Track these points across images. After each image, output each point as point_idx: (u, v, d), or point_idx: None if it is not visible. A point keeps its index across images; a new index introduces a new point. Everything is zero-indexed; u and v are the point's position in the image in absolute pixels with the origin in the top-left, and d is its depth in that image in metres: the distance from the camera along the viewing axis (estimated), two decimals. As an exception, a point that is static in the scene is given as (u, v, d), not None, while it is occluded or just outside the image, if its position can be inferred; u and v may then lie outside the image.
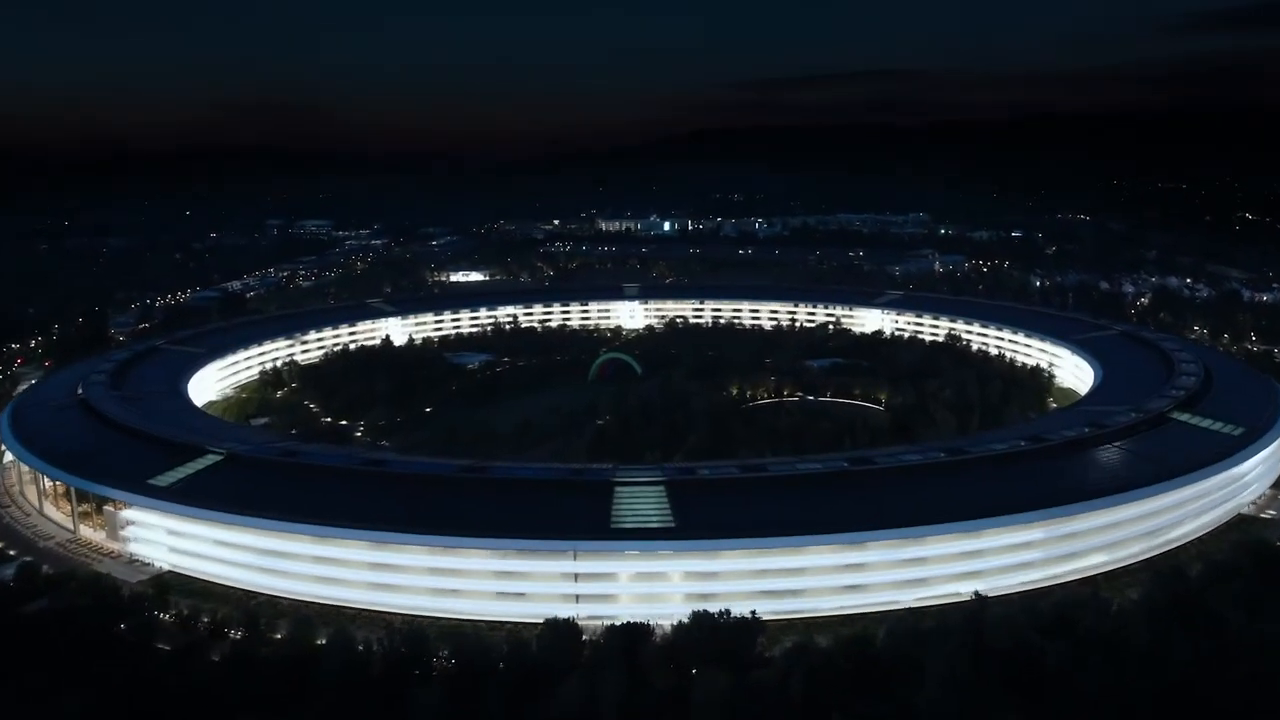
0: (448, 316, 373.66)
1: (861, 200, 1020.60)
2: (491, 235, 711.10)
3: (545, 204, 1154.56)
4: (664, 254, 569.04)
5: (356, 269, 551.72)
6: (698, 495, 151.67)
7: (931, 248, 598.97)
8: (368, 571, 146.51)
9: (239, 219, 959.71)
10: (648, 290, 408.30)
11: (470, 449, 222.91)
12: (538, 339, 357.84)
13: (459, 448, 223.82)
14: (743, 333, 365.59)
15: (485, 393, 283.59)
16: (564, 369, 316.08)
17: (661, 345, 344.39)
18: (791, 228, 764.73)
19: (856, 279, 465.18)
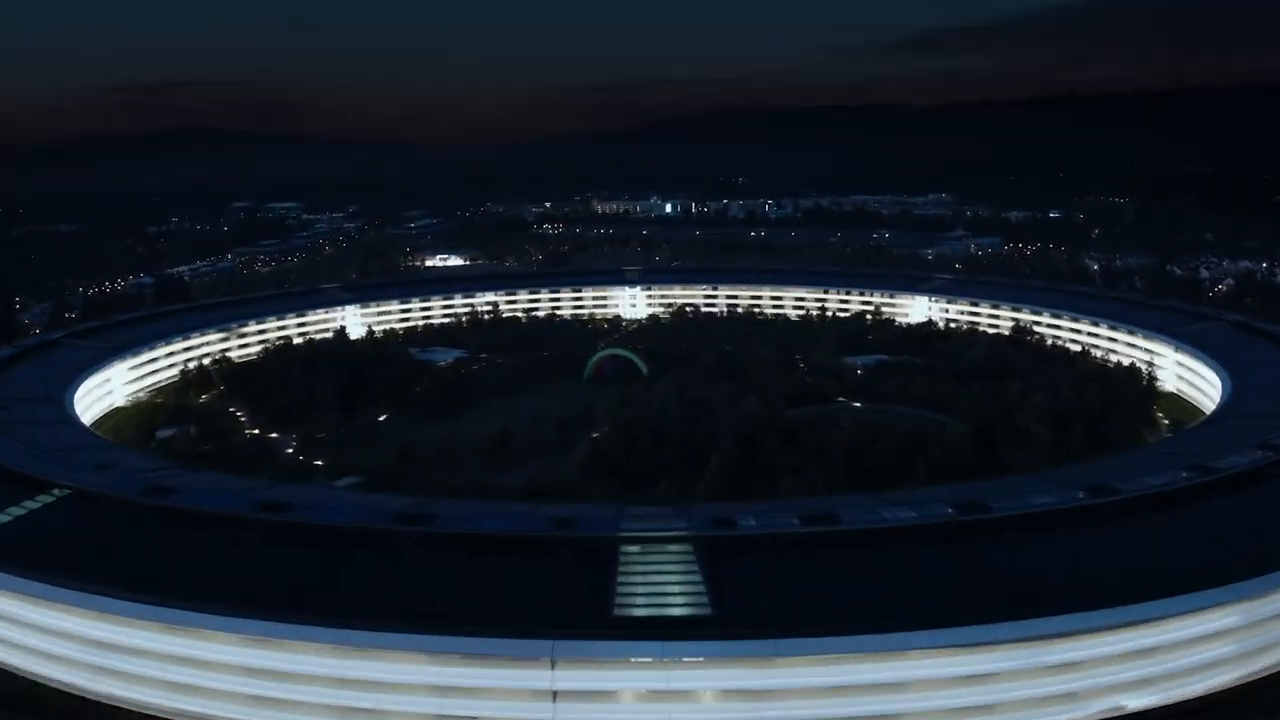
0: (416, 305, 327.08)
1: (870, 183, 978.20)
2: (476, 218, 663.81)
3: (536, 186, 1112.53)
4: (668, 235, 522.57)
5: (324, 252, 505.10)
6: (742, 562, 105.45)
7: (962, 229, 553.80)
8: (243, 678, 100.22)
9: (205, 202, 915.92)
10: (651, 274, 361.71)
11: (427, 473, 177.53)
12: (522, 331, 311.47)
13: (412, 472, 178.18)
14: (765, 324, 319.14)
15: (455, 397, 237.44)
16: (553, 368, 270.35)
17: (670, 339, 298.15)
18: (804, 209, 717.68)
19: (887, 262, 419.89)
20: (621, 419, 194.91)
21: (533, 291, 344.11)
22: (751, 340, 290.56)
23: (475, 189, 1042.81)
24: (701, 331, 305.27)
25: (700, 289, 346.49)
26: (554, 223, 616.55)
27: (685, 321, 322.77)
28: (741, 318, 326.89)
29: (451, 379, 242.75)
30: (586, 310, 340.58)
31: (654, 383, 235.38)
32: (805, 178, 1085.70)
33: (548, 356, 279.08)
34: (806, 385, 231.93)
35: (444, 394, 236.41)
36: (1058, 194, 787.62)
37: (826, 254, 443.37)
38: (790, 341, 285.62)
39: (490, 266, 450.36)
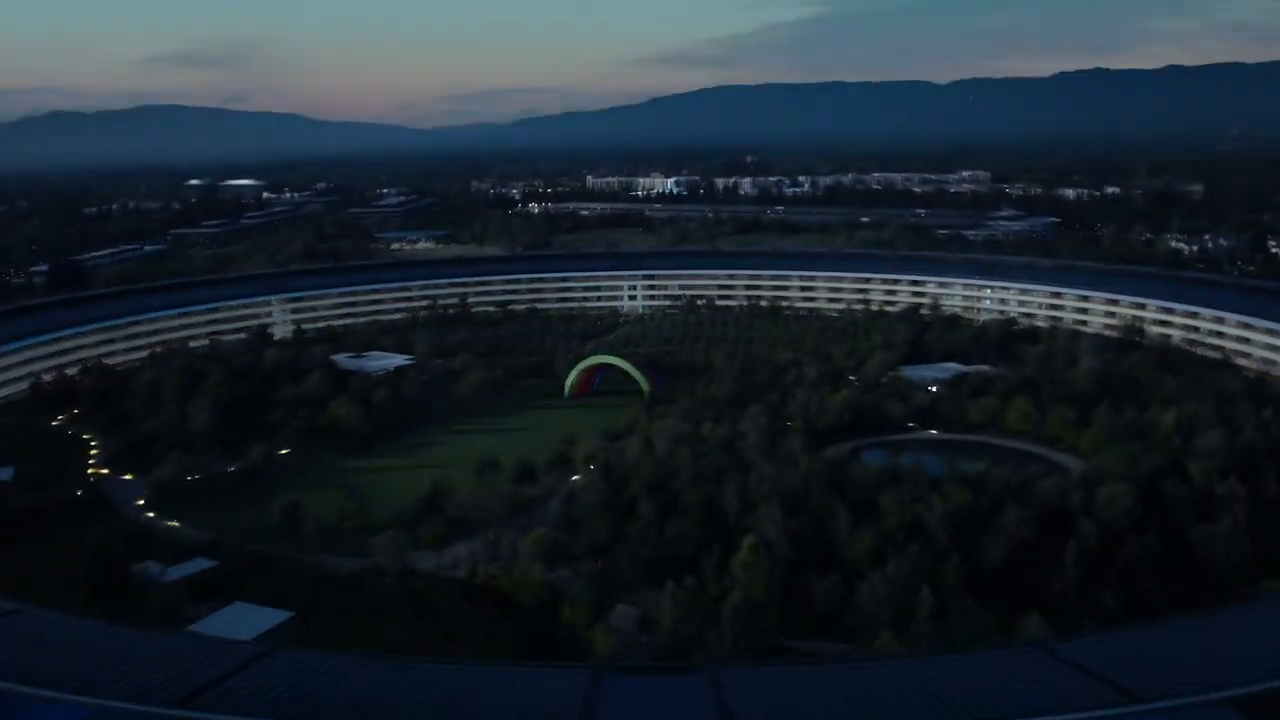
0: (362, 297, 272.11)
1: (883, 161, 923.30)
2: (452, 195, 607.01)
3: (526, 163, 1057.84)
4: (674, 214, 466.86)
5: (275, 234, 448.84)
6: None
7: (1010, 207, 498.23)
8: None
9: (162, 180, 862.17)
10: (654, 258, 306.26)
11: (318, 546, 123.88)
12: (491, 330, 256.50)
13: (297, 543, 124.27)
14: (796, 319, 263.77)
15: (387, 423, 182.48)
16: (526, 380, 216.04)
17: (678, 339, 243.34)
18: (824, 187, 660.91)
19: (930, 245, 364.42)
20: (609, 468, 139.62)
21: (510, 279, 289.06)
22: (781, 342, 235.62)
23: (460, 167, 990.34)
24: (718, 331, 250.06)
25: (714, 276, 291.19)
26: (543, 200, 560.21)
27: (697, 317, 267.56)
28: (765, 312, 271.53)
29: (386, 397, 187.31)
30: (575, 303, 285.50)
31: (657, 404, 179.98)
32: (816, 154, 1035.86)
33: (520, 364, 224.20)
34: (864, 408, 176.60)
35: (372, 419, 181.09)
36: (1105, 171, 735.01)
37: (860, 235, 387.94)
38: (828, 343, 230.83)
39: (465, 250, 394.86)
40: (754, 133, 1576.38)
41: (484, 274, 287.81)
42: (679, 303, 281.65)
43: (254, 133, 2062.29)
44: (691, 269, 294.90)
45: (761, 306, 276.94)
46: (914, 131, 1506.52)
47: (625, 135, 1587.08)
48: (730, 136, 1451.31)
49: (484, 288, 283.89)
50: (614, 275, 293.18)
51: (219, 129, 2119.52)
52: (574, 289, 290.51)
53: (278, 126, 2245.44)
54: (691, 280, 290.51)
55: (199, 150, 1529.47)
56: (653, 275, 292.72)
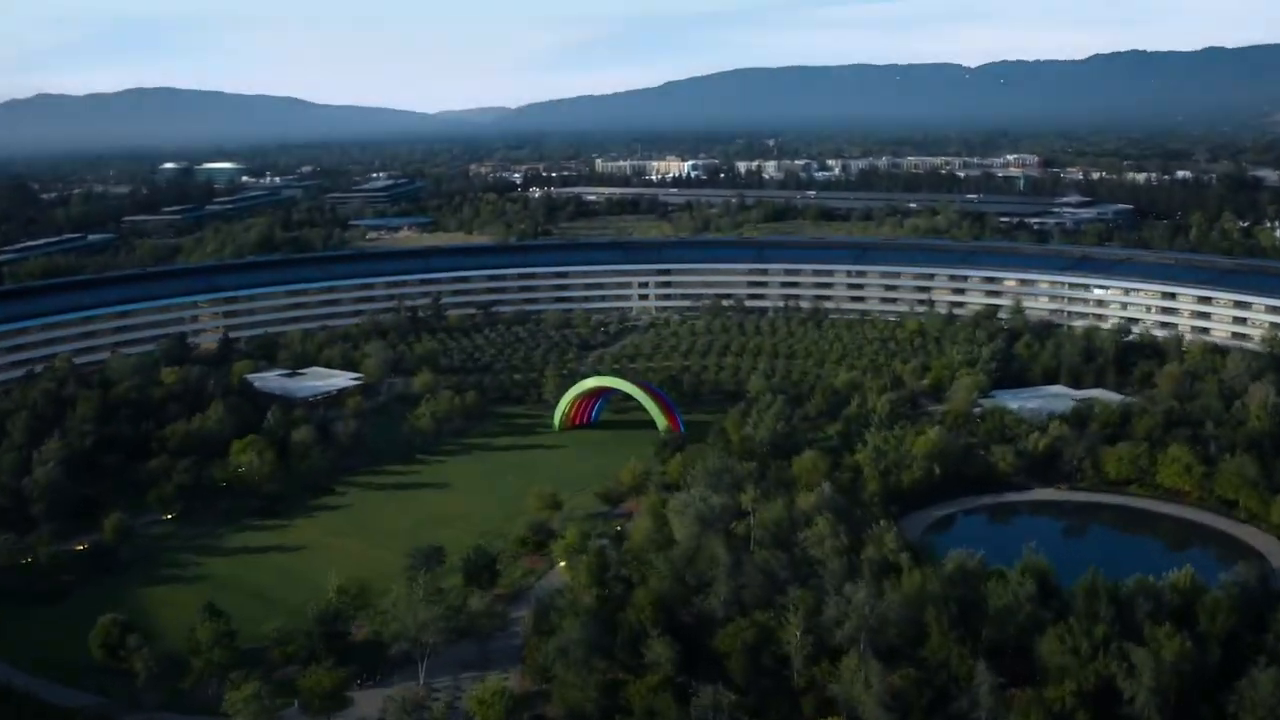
0: (312, 297, 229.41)
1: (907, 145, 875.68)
2: (447, 180, 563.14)
3: (531, 146, 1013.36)
4: (692, 199, 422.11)
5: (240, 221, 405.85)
6: None
7: (1078, 193, 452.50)
8: None
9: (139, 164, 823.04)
10: (671, 250, 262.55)
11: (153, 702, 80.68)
12: (468, 338, 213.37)
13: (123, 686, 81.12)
14: (845, 325, 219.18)
15: (312, 473, 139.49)
16: (506, 405, 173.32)
17: (700, 352, 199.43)
18: (858, 171, 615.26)
19: (995, 235, 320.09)
20: (604, 564, 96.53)
21: (493, 275, 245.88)
22: (832, 355, 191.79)
23: (461, 151, 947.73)
24: (751, 340, 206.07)
25: (743, 271, 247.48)
26: (546, 185, 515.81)
27: (723, 322, 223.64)
28: (807, 315, 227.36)
29: (311, 437, 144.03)
30: (574, 304, 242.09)
31: (676, 448, 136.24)
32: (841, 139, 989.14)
33: (503, 384, 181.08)
34: (958, 456, 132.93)
35: (289, 469, 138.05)
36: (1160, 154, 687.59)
37: (911, 223, 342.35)
38: (891, 356, 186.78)
39: (450, 240, 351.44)
40: (775, 117, 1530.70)
41: (464, 268, 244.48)
42: (701, 304, 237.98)
43: (249, 116, 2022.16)
44: (715, 262, 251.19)
45: (801, 308, 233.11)
46: (942, 115, 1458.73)
47: (640, 120, 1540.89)
48: (750, 121, 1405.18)
49: (463, 285, 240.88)
50: (622, 270, 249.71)
51: (213, 112, 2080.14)
52: (573, 287, 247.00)
53: (274, 110, 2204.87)
54: (716, 277, 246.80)
55: (191, 134, 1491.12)
56: (669, 271, 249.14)
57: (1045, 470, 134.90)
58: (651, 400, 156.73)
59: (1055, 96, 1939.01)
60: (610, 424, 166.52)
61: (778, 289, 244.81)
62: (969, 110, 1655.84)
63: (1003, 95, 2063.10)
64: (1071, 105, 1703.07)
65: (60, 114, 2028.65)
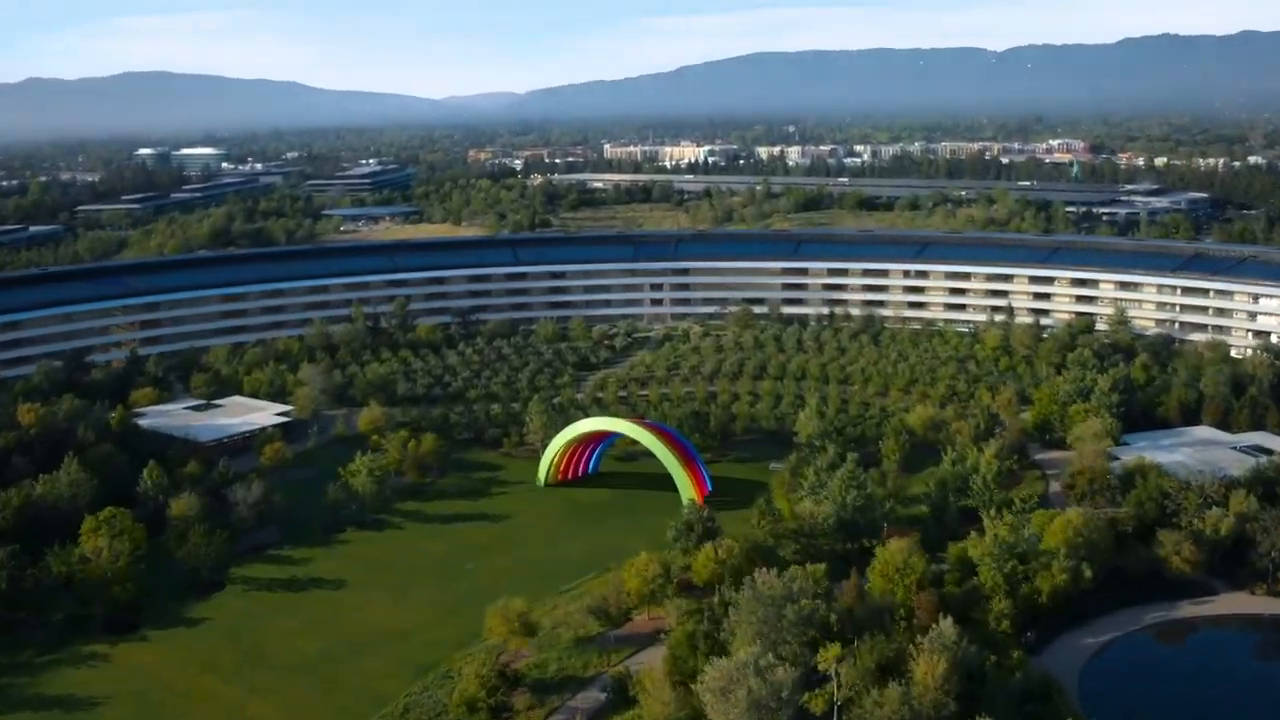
0: (252, 303, 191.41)
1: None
2: (442, 166, 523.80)
3: (536, 131, 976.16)
4: (710, 187, 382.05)
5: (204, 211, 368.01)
6: None
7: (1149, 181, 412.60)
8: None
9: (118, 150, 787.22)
10: (690, 245, 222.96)
11: None
12: (437, 356, 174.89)
13: None
14: (906, 338, 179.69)
15: (209, 555, 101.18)
16: (477, 447, 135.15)
17: (730, 374, 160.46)
18: (891, 156, 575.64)
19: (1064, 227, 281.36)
20: None
21: (476, 274, 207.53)
22: (899, 380, 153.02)
23: (463, 136, 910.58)
24: (793, 358, 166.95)
25: (776, 271, 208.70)
26: (549, 172, 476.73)
27: (756, 335, 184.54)
28: (860, 325, 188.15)
29: (198, 508, 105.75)
30: (574, 309, 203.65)
31: (705, 536, 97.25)
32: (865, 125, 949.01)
33: (468, 423, 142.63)
34: (1120, 544, 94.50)
35: (161, 556, 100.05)
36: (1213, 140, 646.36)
37: (965, 214, 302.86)
38: (974, 382, 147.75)
39: (435, 232, 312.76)
40: (793, 103, 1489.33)
41: (439, 266, 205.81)
42: (726, 311, 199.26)
43: (248, 102, 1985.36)
44: (743, 259, 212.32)
45: (850, 315, 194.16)
46: (967, 101, 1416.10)
47: (652, 106, 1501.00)
48: (767, 107, 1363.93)
49: (437, 288, 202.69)
50: (631, 268, 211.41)
51: (209, 97, 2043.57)
52: (571, 290, 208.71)
53: (274, 95, 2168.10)
54: (744, 278, 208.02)
55: (184, 119, 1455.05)
56: (687, 270, 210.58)
57: (1229, 563, 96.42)
58: (669, 450, 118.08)
59: (1085, 82, 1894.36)
60: (612, 477, 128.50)
61: (819, 292, 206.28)
62: (995, 96, 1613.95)
63: (1030, 80, 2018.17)
64: (1102, 90, 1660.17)
65: (51, 98, 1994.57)
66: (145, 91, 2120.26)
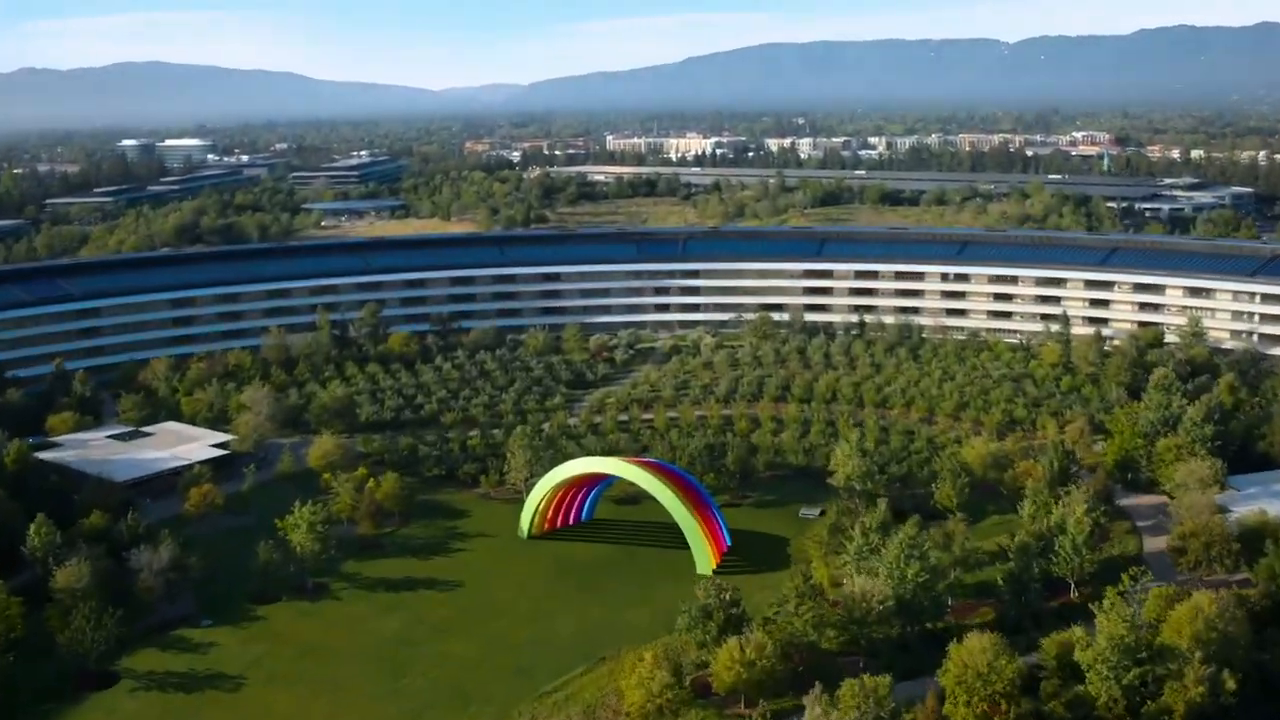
0: (203, 310, 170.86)
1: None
2: (432, 159, 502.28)
3: (538, 123, 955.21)
4: (719, 180, 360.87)
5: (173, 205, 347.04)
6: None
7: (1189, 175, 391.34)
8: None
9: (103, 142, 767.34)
10: (700, 243, 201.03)
11: None
12: (410, 372, 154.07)
13: None
14: (950, 350, 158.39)
15: (98, 643, 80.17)
16: (448, 486, 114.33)
17: (749, 394, 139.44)
18: (908, 148, 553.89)
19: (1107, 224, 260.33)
20: None
21: (460, 277, 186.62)
22: (945, 403, 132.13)
23: (461, 129, 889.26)
24: (822, 377, 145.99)
25: (798, 273, 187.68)
26: (549, 164, 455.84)
27: (777, 346, 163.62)
28: (896, 335, 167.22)
29: (88, 578, 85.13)
30: (570, 315, 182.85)
31: (727, 626, 75.81)
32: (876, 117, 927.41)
33: (440, 457, 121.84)
34: (1259, 639, 73.51)
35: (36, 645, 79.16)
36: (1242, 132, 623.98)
37: (999, 209, 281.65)
38: (1033, 405, 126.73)
39: (422, 228, 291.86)
40: (801, 95, 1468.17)
41: (416, 267, 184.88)
42: (742, 318, 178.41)
43: (244, 93, 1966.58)
44: (760, 259, 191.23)
45: (883, 325, 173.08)
46: (980, 94, 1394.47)
47: (658, 98, 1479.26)
48: (775, 99, 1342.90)
49: (414, 292, 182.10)
50: (634, 270, 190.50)
51: (205, 88, 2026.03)
52: (566, 294, 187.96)
53: (271, 86, 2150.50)
54: (761, 280, 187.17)
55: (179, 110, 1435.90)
56: (697, 271, 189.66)
57: None
58: (679, 500, 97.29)
59: (1100, 74, 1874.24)
60: (610, 526, 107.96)
61: (845, 297, 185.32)
62: (1008, 88, 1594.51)
63: (1044, 73, 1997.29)
64: (1118, 83, 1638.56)
65: (45, 89, 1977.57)
66: (140, 82, 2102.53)
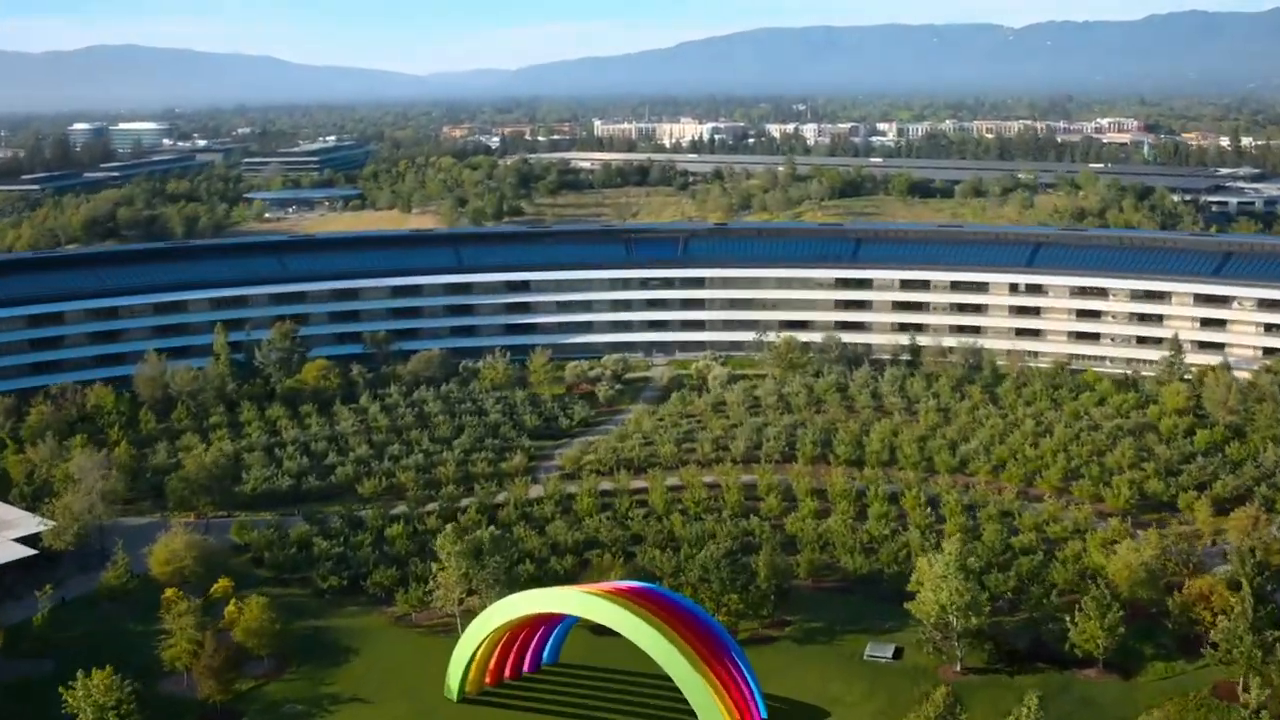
0: (75, 327, 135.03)
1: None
2: (405, 145, 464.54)
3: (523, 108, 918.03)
4: (719, 167, 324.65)
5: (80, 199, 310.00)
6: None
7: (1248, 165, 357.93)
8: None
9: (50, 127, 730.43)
10: (703, 243, 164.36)
11: None
12: (328, 418, 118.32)
13: None
14: (1040, 384, 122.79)
15: None
16: (362, 604, 77.96)
17: (776, 456, 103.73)
18: (923, 134, 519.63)
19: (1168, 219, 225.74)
20: None
21: (403, 286, 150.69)
22: (1048, 468, 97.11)
23: (442, 114, 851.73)
24: (876, 428, 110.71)
25: (824, 280, 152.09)
26: (531, 151, 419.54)
27: (809, 384, 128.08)
28: (965, 366, 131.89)
29: None
30: (542, 334, 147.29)
31: None
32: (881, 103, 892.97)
33: (343, 556, 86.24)
34: None
35: None
36: None
37: (1048, 202, 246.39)
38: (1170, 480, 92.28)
39: (379, 220, 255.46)
40: (800, 81, 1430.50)
41: (348, 274, 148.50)
42: (765, 338, 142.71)
43: (220, 77, 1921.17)
44: (780, 264, 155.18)
45: (944, 350, 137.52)
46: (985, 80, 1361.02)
47: (650, 84, 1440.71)
48: (772, 85, 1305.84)
49: (344, 304, 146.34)
50: (623, 276, 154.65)
51: (180, 72, 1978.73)
52: (538, 307, 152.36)
53: (248, 70, 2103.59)
54: (783, 292, 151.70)
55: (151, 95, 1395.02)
56: (702, 280, 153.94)
57: None
58: (685, 660, 61.76)
59: (1109, 60, 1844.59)
60: (582, 676, 72.58)
61: (888, 313, 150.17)
62: (1013, 74, 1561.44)
63: (1050, 59, 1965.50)
64: (1127, 69, 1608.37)
65: (12, 72, 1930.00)
66: (114, 66, 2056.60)
